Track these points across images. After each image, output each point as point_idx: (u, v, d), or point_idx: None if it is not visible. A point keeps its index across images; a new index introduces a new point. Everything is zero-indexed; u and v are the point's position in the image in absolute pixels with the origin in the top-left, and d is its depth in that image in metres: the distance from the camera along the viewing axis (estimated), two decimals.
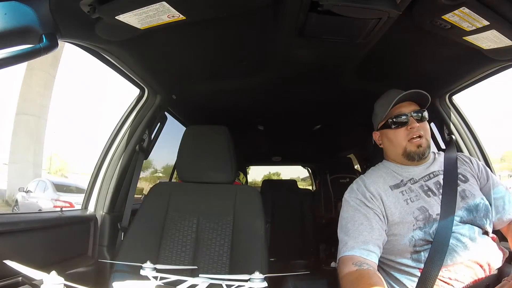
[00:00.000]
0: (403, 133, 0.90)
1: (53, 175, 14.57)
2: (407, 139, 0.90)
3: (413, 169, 0.93)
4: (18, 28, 0.54)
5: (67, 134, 22.04)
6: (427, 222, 0.82)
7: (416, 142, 0.89)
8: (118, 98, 3.16)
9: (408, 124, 0.90)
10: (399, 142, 0.91)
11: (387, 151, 0.97)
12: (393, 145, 0.93)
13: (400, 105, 0.91)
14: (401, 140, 0.91)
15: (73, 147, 24.20)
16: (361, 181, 0.93)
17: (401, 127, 0.91)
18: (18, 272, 0.72)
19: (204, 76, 1.34)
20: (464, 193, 0.86)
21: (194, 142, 1.29)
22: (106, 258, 1.19)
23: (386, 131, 0.94)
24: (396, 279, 0.85)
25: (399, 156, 0.93)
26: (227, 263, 1.10)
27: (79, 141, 27.39)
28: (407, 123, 0.90)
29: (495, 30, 0.79)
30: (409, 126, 0.90)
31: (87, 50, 0.94)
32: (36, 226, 0.97)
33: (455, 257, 0.79)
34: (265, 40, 1.03)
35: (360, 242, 0.79)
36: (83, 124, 26.44)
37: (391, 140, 0.93)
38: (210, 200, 1.21)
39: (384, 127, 0.95)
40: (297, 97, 1.61)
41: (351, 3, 0.73)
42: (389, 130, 0.93)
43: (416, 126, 0.89)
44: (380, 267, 0.89)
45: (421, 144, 0.89)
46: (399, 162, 0.94)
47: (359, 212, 0.85)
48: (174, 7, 0.73)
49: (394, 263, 0.86)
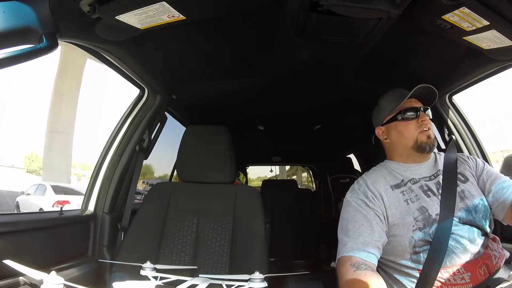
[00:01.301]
0: (414, 125, 0.92)
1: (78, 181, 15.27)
2: (418, 131, 0.91)
3: (415, 168, 0.92)
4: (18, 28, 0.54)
5: (84, 140, 22.53)
6: (426, 222, 0.81)
7: (426, 133, 0.91)
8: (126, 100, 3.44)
9: (419, 117, 0.92)
10: (410, 133, 0.91)
11: (394, 145, 0.96)
12: (404, 137, 0.92)
13: (409, 100, 0.93)
14: (412, 132, 0.91)
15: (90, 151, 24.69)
16: (363, 181, 0.93)
17: (412, 120, 0.92)
18: (18, 272, 0.72)
19: (204, 76, 1.34)
20: (464, 193, 0.86)
21: (194, 142, 1.29)
22: (106, 258, 1.19)
23: (395, 123, 0.94)
24: (395, 280, 0.85)
25: (408, 150, 0.92)
26: (227, 263, 1.10)
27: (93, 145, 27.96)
28: (419, 116, 0.92)
29: (495, 30, 0.79)
30: (420, 119, 0.92)
31: (87, 50, 0.94)
32: (36, 226, 0.97)
33: (454, 258, 0.78)
34: (265, 40, 1.03)
35: (360, 243, 0.79)
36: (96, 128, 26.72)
37: (402, 132, 0.93)
38: (210, 200, 1.21)
39: (392, 120, 0.95)
40: (297, 97, 1.61)
41: (351, 3, 0.73)
42: (400, 123, 0.93)
43: (427, 119, 0.92)
44: (380, 268, 0.88)
45: (430, 135, 0.91)
46: (404, 158, 0.94)
47: (359, 213, 0.85)
48: (174, 7, 0.73)
49: (393, 263, 0.85)
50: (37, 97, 12.14)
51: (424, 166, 0.93)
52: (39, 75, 10.24)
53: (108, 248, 1.22)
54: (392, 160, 0.97)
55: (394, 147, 0.97)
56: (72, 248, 1.12)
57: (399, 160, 0.95)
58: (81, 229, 1.18)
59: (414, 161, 0.93)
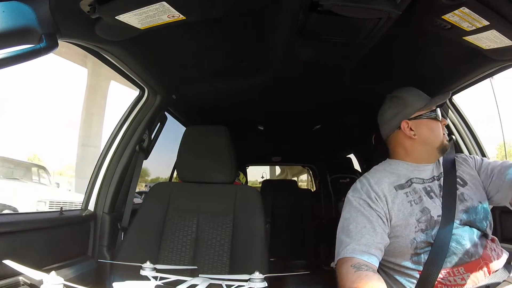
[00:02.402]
0: (440, 127, 0.94)
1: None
2: (442, 133, 0.94)
3: (423, 169, 0.92)
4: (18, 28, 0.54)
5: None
6: (429, 224, 0.81)
7: (446, 137, 0.94)
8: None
9: (442, 121, 0.95)
10: (439, 133, 0.93)
11: (420, 143, 0.92)
12: (435, 135, 0.93)
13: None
14: (440, 132, 0.93)
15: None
16: (366, 180, 0.91)
17: (438, 121, 0.94)
18: (18, 272, 0.72)
19: (204, 76, 1.34)
20: (463, 196, 0.86)
21: (194, 142, 1.29)
22: (106, 258, 1.19)
23: (428, 121, 0.93)
24: (395, 281, 0.85)
25: (432, 149, 0.93)
26: (227, 263, 1.10)
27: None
28: (441, 120, 0.95)
29: (495, 30, 0.79)
30: (443, 122, 0.95)
31: (87, 50, 0.94)
32: (36, 226, 0.97)
33: (455, 259, 0.78)
34: (265, 40, 1.03)
35: (362, 245, 0.78)
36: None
37: (433, 130, 0.93)
38: (210, 200, 1.21)
39: (423, 116, 0.93)
40: (297, 97, 1.61)
41: (351, 3, 0.73)
42: (431, 121, 0.93)
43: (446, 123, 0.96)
44: (380, 269, 0.88)
45: (447, 139, 0.95)
46: (416, 159, 0.93)
47: (361, 214, 0.84)
48: (174, 7, 0.73)
49: (393, 265, 0.85)
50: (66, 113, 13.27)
51: (430, 167, 0.92)
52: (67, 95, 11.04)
53: (108, 248, 1.22)
54: (400, 159, 0.95)
55: (417, 145, 0.93)
56: (72, 248, 1.12)
57: (409, 160, 0.93)
58: (81, 229, 1.18)
59: (427, 161, 0.93)
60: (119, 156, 1.30)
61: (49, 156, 13.44)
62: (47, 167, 6.98)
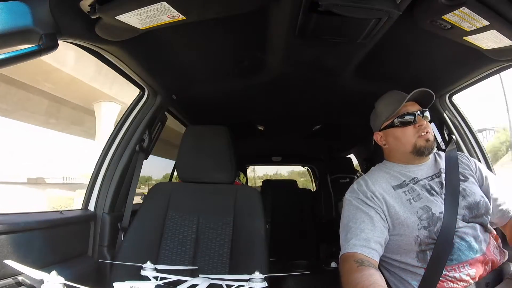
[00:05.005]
0: (411, 131, 0.91)
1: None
2: (417, 136, 0.90)
3: (416, 169, 0.92)
4: (18, 28, 0.54)
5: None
6: (431, 221, 0.82)
7: (424, 136, 0.90)
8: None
9: (416, 122, 0.91)
10: (408, 139, 0.91)
11: (392, 151, 0.96)
12: (402, 143, 0.92)
13: (405, 104, 0.92)
14: (410, 137, 0.91)
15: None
16: (363, 181, 0.93)
17: (409, 126, 0.91)
18: (18, 272, 0.72)
19: (204, 76, 1.34)
20: (465, 191, 0.87)
21: (194, 142, 1.29)
22: (106, 258, 1.19)
23: (392, 130, 0.94)
24: (400, 279, 0.85)
25: (406, 155, 0.92)
26: (227, 263, 1.10)
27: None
28: (415, 122, 0.91)
29: (495, 30, 0.79)
30: (417, 124, 0.91)
31: (87, 50, 0.94)
32: (36, 226, 0.97)
33: (460, 255, 0.79)
34: (265, 40, 1.03)
35: (362, 239, 0.79)
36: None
37: (399, 139, 0.92)
38: (210, 200, 1.21)
39: (389, 126, 0.94)
40: (297, 97, 1.61)
41: (351, 3, 0.73)
42: (396, 129, 0.93)
43: (424, 124, 0.91)
44: (385, 267, 0.89)
45: (429, 138, 0.90)
46: (404, 161, 0.94)
47: (360, 211, 0.85)
48: (174, 7, 0.73)
49: (399, 262, 0.86)
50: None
51: (423, 166, 0.93)
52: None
53: (108, 248, 1.22)
54: (391, 161, 0.97)
55: (392, 152, 0.96)
56: (72, 248, 1.12)
57: (398, 162, 0.95)
58: (81, 229, 1.18)
59: (413, 163, 0.93)
60: (119, 156, 1.30)
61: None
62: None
